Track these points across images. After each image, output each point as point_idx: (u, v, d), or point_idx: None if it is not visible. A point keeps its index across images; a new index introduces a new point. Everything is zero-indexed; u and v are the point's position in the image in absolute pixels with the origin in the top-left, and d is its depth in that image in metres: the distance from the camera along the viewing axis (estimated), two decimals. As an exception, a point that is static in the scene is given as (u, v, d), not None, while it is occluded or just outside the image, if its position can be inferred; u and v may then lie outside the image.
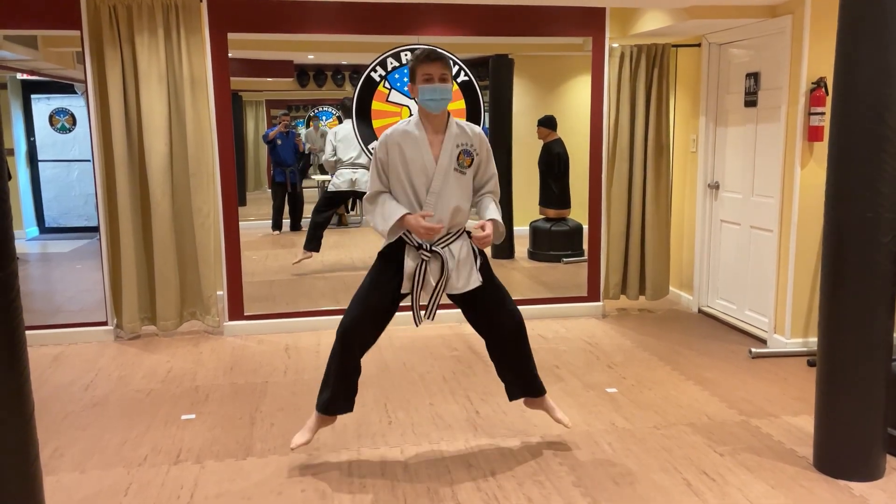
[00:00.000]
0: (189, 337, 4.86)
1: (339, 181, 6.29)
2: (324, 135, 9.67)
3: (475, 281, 2.91)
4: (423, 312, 2.95)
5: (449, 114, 2.89)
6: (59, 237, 8.49)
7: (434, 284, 2.87)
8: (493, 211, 2.93)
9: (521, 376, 3.11)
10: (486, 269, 2.97)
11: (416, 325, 2.96)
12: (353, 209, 8.49)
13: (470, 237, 2.94)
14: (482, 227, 2.85)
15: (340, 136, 6.36)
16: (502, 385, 3.26)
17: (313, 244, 6.37)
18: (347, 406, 3.02)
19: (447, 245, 2.88)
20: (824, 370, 2.90)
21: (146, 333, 4.86)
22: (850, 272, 2.78)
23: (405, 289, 2.88)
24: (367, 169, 6.18)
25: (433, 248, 2.85)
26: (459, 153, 2.84)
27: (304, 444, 2.99)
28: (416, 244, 2.85)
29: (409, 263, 2.85)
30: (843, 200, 2.77)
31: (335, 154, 6.31)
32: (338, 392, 2.97)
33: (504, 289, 3.06)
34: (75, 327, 4.80)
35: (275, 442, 3.24)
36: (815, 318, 4.25)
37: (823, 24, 4.08)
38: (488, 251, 3.09)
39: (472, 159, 2.88)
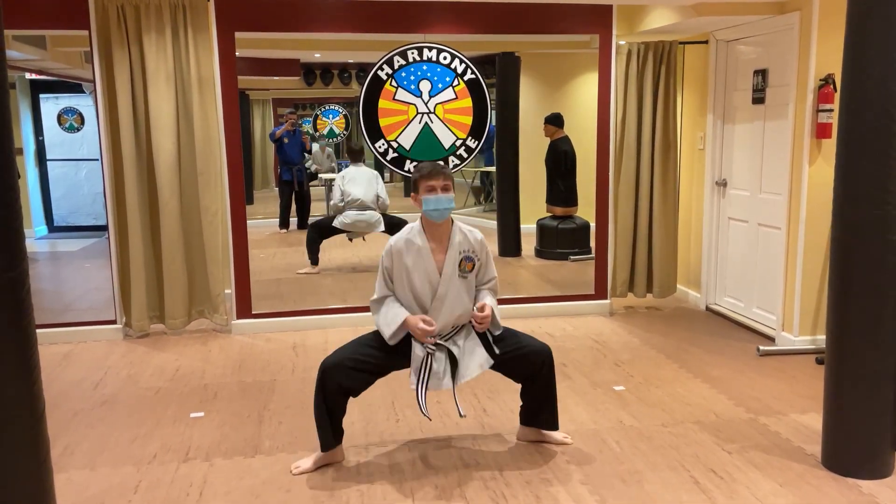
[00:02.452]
0: (197, 335, 4.88)
1: (346, 221, 6.35)
2: (330, 156, 9.75)
3: (486, 362, 2.96)
4: (425, 406, 2.93)
5: (452, 220, 2.98)
6: (67, 236, 8.54)
7: (441, 380, 2.91)
8: (489, 298, 3.01)
9: (544, 408, 3.14)
10: (497, 338, 3.00)
11: (424, 414, 2.92)
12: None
13: (471, 324, 3.00)
14: (480, 308, 2.92)
15: (348, 179, 6.41)
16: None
17: (313, 259, 6.45)
18: (336, 441, 3.01)
19: (452, 337, 2.98)
20: (833, 368, 2.89)
21: (155, 332, 4.88)
22: (858, 270, 2.77)
23: (411, 384, 2.92)
24: (374, 210, 6.28)
25: (439, 341, 2.93)
26: (461, 260, 2.95)
27: (305, 472, 2.96)
28: None
29: (417, 357, 2.91)
30: (852, 198, 2.76)
31: (342, 199, 6.38)
32: (325, 430, 2.95)
33: (518, 336, 3.06)
34: (85, 326, 4.83)
35: (283, 440, 3.25)
36: (823, 315, 4.23)
37: (832, 21, 4.06)
38: (495, 249, 3.11)
39: (474, 264, 2.99)
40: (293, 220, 8.37)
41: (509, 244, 7.05)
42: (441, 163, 2.99)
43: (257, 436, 3.30)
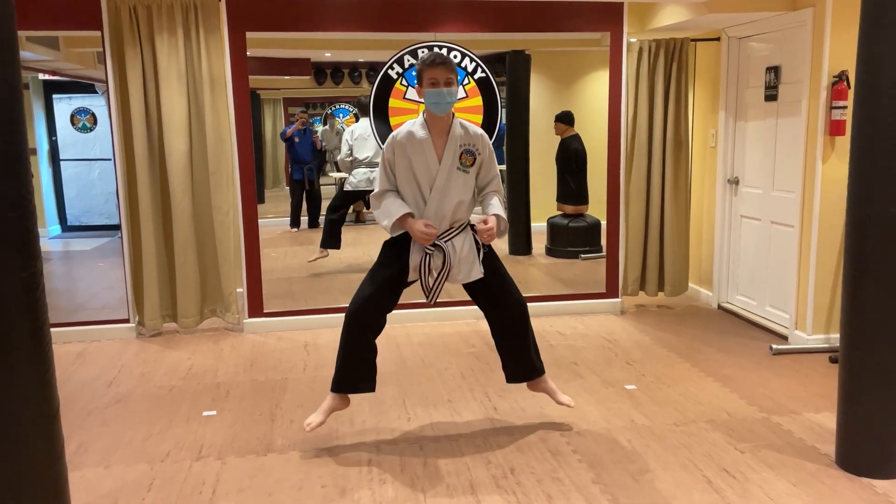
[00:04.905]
0: (209, 334, 4.90)
1: (356, 180, 6.30)
2: (339, 133, 9.69)
3: (476, 273, 3.05)
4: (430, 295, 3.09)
5: (453, 115, 3.01)
6: (81, 235, 8.60)
7: (436, 276, 3.01)
8: (496, 207, 3.08)
9: (520, 361, 3.25)
10: (490, 259, 3.11)
11: (429, 302, 3.09)
12: (370, 207, 8.50)
13: (474, 231, 3.07)
14: (485, 221, 2.99)
15: (357, 135, 6.36)
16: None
17: (331, 242, 6.38)
18: (360, 383, 3.12)
19: (450, 239, 3.02)
20: (846, 367, 2.87)
21: (167, 330, 4.91)
22: (872, 267, 2.75)
23: (411, 278, 3.04)
24: None
25: (436, 241, 2.99)
26: (462, 153, 2.98)
27: (317, 426, 3.09)
28: None
29: (415, 256, 3.01)
30: (866, 195, 2.74)
31: (351, 153, 6.32)
32: (347, 371, 3.09)
33: (509, 278, 3.18)
34: (98, 324, 4.86)
35: (295, 438, 3.26)
36: (836, 313, 4.20)
37: (845, 17, 4.03)
38: (505, 248, 3.17)
39: (475, 159, 3.02)
40: (304, 219, 8.39)
41: (520, 243, 7.04)
42: (445, 53, 3.01)
43: (269, 434, 3.32)
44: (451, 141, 2.97)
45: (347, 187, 6.37)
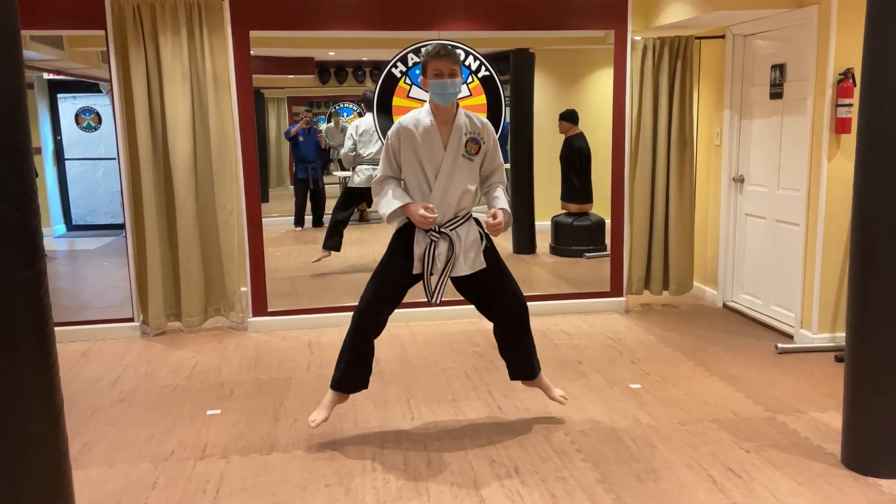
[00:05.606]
0: (213, 333, 4.90)
1: (360, 178, 6.28)
2: (344, 130, 9.66)
3: (479, 264, 3.07)
4: (434, 293, 3.10)
5: (458, 105, 3.04)
6: (85, 234, 8.61)
7: (442, 266, 3.02)
8: (501, 200, 3.11)
9: (523, 360, 3.29)
10: (492, 253, 3.14)
11: (430, 302, 3.10)
12: (371, 193, 8.48)
13: (478, 223, 3.11)
14: (493, 216, 3.02)
15: (361, 130, 6.33)
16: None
17: (332, 242, 6.37)
18: (360, 384, 3.17)
19: (455, 228, 3.05)
20: (852, 365, 2.85)
21: (171, 329, 4.92)
22: (878, 266, 2.73)
23: (416, 269, 3.04)
24: None
25: (442, 229, 3.01)
26: (467, 141, 3.01)
27: (322, 422, 3.13)
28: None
29: (419, 246, 3.02)
30: (872, 193, 2.72)
31: (355, 149, 6.29)
32: (350, 370, 3.12)
33: (509, 273, 3.20)
34: (102, 324, 4.87)
35: (298, 437, 3.26)
36: (842, 312, 4.18)
37: (851, 14, 4.01)
38: (509, 246, 3.20)
39: (480, 147, 3.05)
40: (308, 219, 8.39)
41: (524, 241, 7.02)
42: (450, 46, 3.05)
43: (273, 433, 3.32)
44: (455, 129, 3.00)
45: (351, 185, 6.36)
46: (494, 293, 3.15)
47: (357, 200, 6.56)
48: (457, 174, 3.01)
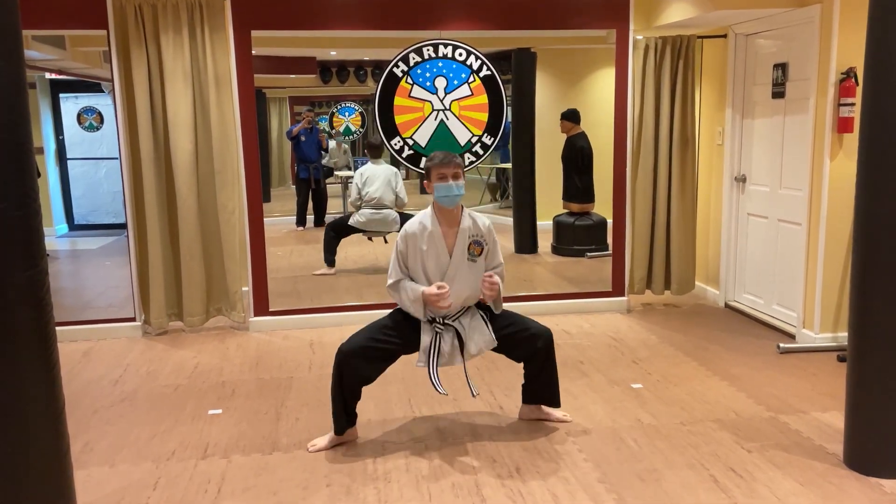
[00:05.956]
0: (215, 332, 4.91)
1: (362, 220, 6.37)
2: (347, 153, 9.80)
3: (490, 343, 3.14)
4: (440, 386, 3.11)
5: (462, 207, 3.14)
6: (87, 234, 8.62)
7: (446, 359, 3.10)
8: (497, 278, 3.14)
9: (548, 386, 3.31)
10: (498, 316, 3.18)
11: (438, 391, 3.10)
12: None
13: (478, 306, 3.18)
14: (489, 276, 3.08)
15: (366, 177, 6.42)
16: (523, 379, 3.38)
17: (330, 259, 6.44)
18: (349, 424, 3.19)
19: (458, 318, 3.14)
20: (854, 365, 2.85)
21: (173, 329, 4.92)
22: (880, 265, 2.73)
23: (420, 361, 3.11)
24: (390, 208, 6.32)
25: (446, 321, 3.10)
26: (471, 244, 3.11)
27: (321, 450, 3.14)
28: (430, 318, 3.10)
29: (425, 337, 3.10)
30: (874, 192, 2.72)
31: (360, 197, 6.41)
32: (339, 414, 3.14)
33: (520, 317, 3.24)
34: (104, 323, 4.87)
35: (300, 437, 3.26)
36: (844, 312, 4.18)
37: (853, 13, 4.00)
38: (511, 246, 3.22)
39: (482, 249, 3.14)
40: (310, 218, 8.40)
41: (525, 241, 7.02)
42: (451, 153, 3.11)
43: (275, 433, 3.32)
44: (461, 233, 3.09)
45: (351, 222, 6.43)
46: (519, 343, 3.20)
47: (351, 233, 6.61)
48: (461, 276, 3.09)
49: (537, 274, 6.42)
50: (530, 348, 3.19)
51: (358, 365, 3.05)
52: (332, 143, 9.49)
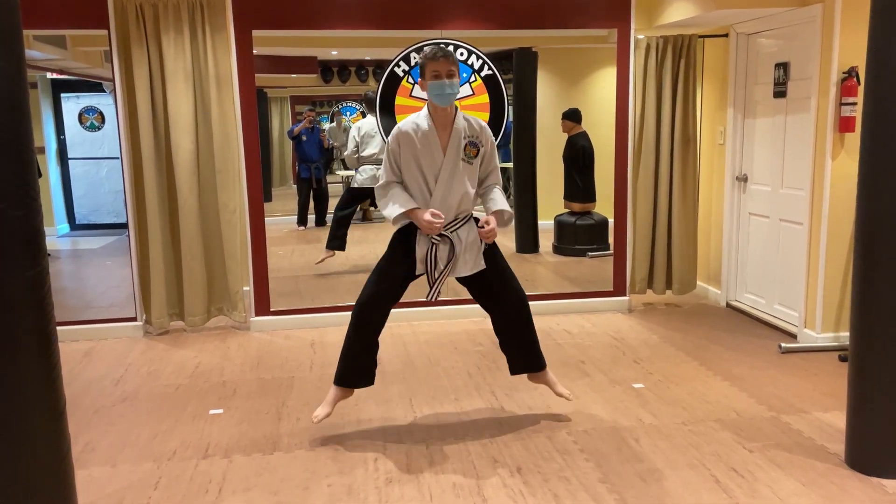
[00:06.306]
0: (216, 332, 4.91)
1: (363, 178, 6.29)
2: (346, 130, 9.68)
3: (480, 265, 3.11)
4: (433, 292, 3.15)
5: (456, 108, 3.06)
6: (89, 234, 8.63)
7: (443, 267, 3.06)
8: (498, 202, 3.15)
9: (523, 353, 3.30)
10: (491, 251, 3.17)
11: (429, 300, 3.14)
12: (376, 200, 8.50)
13: (478, 223, 3.12)
14: (486, 223, 3.06)
15: (363, 132, 6.35)
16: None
17: (336, 242, 6.37)
18: (363, 380, 3.19)
19: (456, 230, 3.08)
20: (856, 365, 2.84)
21: (174, 329, 4.92)
22: (882, 265, 2.72)
23: (418, 270, 3.09)
24: None
25: (443, 232, 3.04)
26: (466, 144, 3.03)
27: (325, 417, 3.16)
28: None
29: (421, 248, 3.06)
30: (876, 192, 2.71)
31: (357, 150, 6.31)
32: (353, 365, 3.15)
33: (509, 269, 3.23)
34: (105, 323, 4.87)
35: (301, 437, 3.26)
36: (846, 312, 4.17)
37: (855, 13, 3.99)
38: (512, 246, 3.20)
39: (478, 150, 3.07)
40: (311, 218, 8.40)
41: (527, 240, 7.01)
42: (447, 46, 3.08)
43: (276, 433, 3.32)
44: (454, 133, 3.02)
45: (354, 185, 6.37)
46: (494, 288, 3.19)
47: (359, 199, 6.57)
48: (456, 178, 3.03)
49: (539, 273, 6.41)
50: (509, 304, 3.16)
51: (377, 309, 3.06)
52: (331, 125, 9.42)
